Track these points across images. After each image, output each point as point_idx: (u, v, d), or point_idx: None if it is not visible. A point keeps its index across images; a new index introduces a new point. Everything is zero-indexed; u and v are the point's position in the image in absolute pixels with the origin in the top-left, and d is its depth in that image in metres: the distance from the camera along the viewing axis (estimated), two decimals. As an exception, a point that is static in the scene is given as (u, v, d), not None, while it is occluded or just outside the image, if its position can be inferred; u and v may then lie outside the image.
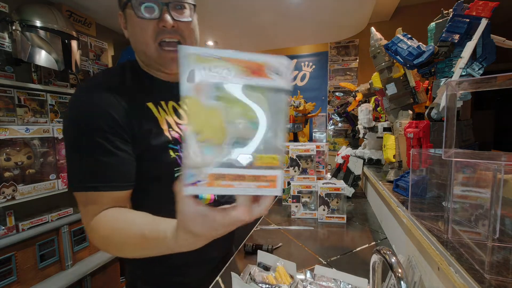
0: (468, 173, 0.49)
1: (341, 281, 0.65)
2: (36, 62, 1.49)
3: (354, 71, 2.93)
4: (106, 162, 0.55)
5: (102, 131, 0.55)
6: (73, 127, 0.56)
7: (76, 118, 0.56)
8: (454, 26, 0.74)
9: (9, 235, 1.42)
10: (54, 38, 1.55)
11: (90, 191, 0.54)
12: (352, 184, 1.55)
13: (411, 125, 0.88)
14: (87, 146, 0.55)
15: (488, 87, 0.48)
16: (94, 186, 0.54)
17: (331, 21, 2.35)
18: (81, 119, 0.55)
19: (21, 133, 1.41)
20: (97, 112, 0.55)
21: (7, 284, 1.36)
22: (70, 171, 0.57)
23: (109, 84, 0.60)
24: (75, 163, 0.56)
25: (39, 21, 1.50)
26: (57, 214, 1.68)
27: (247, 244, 0.96)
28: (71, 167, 0.57)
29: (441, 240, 0.51)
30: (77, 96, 0.59)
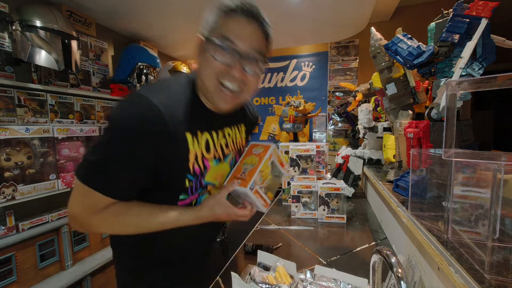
0: (468, 173, 0.49)
1: (341, 281, 0.65)
2: (36, 62, 1.49)
3: (354, 71, 2.93)
4: (123, 176, 0.58)
5: (135, 152, 0.57)
6: (115, 133, 0.57)
7: (121, 128, 0.57)
8: (454, 26, 0.74)
9: (9, 235, 1.42)
10: (54, 38, 1.55)
11: (97, 191, 0.56)
12: (352, 184, 1.55)
13: (411, 125, 0.88)
14: (117, 155, 0.57)
15: (488, 87, 0.48)
16: (101, 186, 0.56)
17: (331, 21, 2.35)
18: (125, 133, 0.56)
19: (21, 133, 1.41)
20: (141, 135, 0.57)
21: (7, 284, 1.36)
22: (89, 163, 0.57)
23: (167, 105, 0.60)
24: (98, 161, 0.57)
25: (39, 21, 1.50)
26: (57, 214, 1.68)
27: (247, 244, 0.96)
28: (92, 161, 0.57)
29: (441, 240, 0.51)
30: (132, 105, 0.58)
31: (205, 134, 0.68)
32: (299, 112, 2.51)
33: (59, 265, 1.64)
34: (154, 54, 2.38)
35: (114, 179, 0.58)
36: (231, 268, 0.84)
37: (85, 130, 1.79)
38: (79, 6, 1.92)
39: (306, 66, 3.25)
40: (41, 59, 1.50)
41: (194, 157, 0.65)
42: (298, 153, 1.37)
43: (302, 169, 1.37)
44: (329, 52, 3.00)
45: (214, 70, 0.62)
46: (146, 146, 0.58)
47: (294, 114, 2.51)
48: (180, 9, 2.01)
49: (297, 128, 2.54)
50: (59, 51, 1.57)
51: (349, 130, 2.80)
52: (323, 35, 2.73)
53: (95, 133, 1.87)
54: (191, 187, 0.67)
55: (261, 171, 0.70)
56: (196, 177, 0.67)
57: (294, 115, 2.51)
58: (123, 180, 0.59)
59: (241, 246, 0.99)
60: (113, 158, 0.56)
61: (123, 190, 0.60)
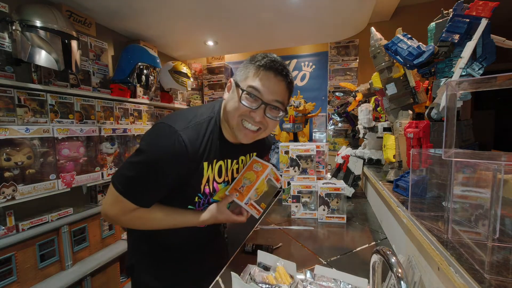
0: (468, 173, 0.49)
1: (341, 281, 0.65)
2: (36, 62, 1.49)
3: (354, 71, 2.93)
4: (152, 191, 0.74)
5: (163, 175, 0.72)
6: (149, 158, 0.71)
7: (155, 156, 0.70)
8: (454, 26, 0.74)
9: (9, 235, 1.42)
10: (54, 38, 1.55)
11: (127, 199, 0.72)
12: (352, 184, 1.55)
13: (411, 125, 0.88)
14: (149, 176, 0.71)
15: (488, 87, 0.48)
16: (133, 198, 0.72)
17: (331, 21, 2.35)
18: (158, 160, 0.70)
19: (21, 133, 1.41)
20: (169, 164, 0.71)
21: (7, 284, 1.36)
22: (124, 176, 0.73)
23: (193, 139, 0.74)
24: (134, 178, 0.72)
25: (39, 21, 1.50)
26: (57, 214, 1.68)
27: (247, 244, 0.96)
28: (129, 177, 0.72)
29: (441, 240, 0.51)
30: (166, 137, 0.72)
31: (220, 161, 0.82)
32: (299, 112, 2.51)
33: (59, 265, 1.64)
34: (154, 54, 2.38)
35: (145, 193, 0.73)
36: (231, 268, 0.84)
37: (85, 130, 1.79)
38: (79, 6, 1.91)
39: (306, 66, 3.25)
40: (41, 59, 1.50)
41: (206, 181, 0.80)
42: (298, 153, 1.37)
43: (302, 169, 1.37)
44: (329, 52, 3.00)
45: (238, 112, 0.75)
46: (172, 171, 0.72)
47: (294, 114, 2.51)
48: (180, 9, 2.01)
49: (297, 128, 2.54)
50: (59, 51, 1.57)
51: (349, 130, 2.80)
52: (323, 35, 2.73)
53: (95, 133, 1.87)
54: (199, 202, 0.83)
55: (257, 188, 0.83)
56: (205, 196, 0.83)
57: (294, 115, 2.51)
58: (151, 194, 0.75)
59: (241, 246, 0.99)
60: (146, 177, 0.71)
61: (149, 201, 0.76)
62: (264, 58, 0.74)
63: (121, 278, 2.04)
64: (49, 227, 1.57)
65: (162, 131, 0.72)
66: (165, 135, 0.71)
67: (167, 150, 0.70)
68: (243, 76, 0.76)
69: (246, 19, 2.20)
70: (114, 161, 2.09)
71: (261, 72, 0.74)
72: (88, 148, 1.89)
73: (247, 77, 0.75)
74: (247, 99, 0.73)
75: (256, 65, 0.74)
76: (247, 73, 0.76)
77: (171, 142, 0.70)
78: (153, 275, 0.89)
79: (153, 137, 0.73)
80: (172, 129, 0.71)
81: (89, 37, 2.05)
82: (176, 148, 0.70)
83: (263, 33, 2.60)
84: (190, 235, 0.91)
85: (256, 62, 0.74)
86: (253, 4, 1.93)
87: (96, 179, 1.89)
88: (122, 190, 0.71)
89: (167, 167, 0.71)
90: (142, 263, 0.91)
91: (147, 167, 0.70)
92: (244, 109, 0.74)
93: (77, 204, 1.95)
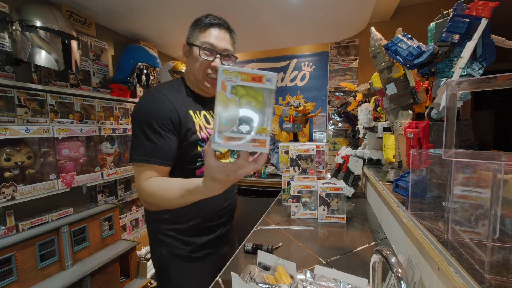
0: (468, 173, 0.49)
1: (341, 281, 0.65)
2: (36, 62, 1.49)
3: (354, 71, 2.93)
4: (158, 145, 0.80)
5: (161, 123, 0.81)
6: (141, 116, 0.82)
7: (144, 111, 0.83)
8: (454, 26, 0.74)
9: (9, 235, 1.41)
10: (54, 38, 1.55)
11: (144, 163, 0.79)
12: (352, 184, 1.55)
13: (411, 125, 0.88)
14: (148, 132, 0.80)
15: (488, 87, 0.48)
16: (147, 160, 0.79)
17: (331, 21, 2.35)
18: (148, 112, 0.82)
19: (21, 133, 1.41)
20: (159, 110, 0.82)
21: (7, 284, 1.36)
22: (133, 147, 0.82)
23: (169, 93, 0.88)
24: (138, 142, 0.81)
25: (39, 21, 1.50)
26: (57, 214, 1.68)
27: (247, 244, 0.96)
28: (134, 144, 0.82)
29: (441, 240, 0.51)
30: (147, 97, 0.86)
31: (202, 112, 0.94)
32: (299, 112, 2.51)
33: (59, 265, 1.63)
34: (154, 54, 2.38)
35: (157, 150, 0.80)
36: (231, 268, 0.84)
37: (85, 130, 1.79)
38: (79, 6, 1.91)
39: (306, 66, 3.25)
40: (41, 59, 1.50)
41: (199, 127, 0.90)
42: (298, 153, 1.37)
43: (302, 169, 1.37)
44: (329, 52, 3.00)
45: (201, 65, 0.89)
46: (165, 118, 0.81)
47: (294, 114, 2.51)
48: (180, 9, 2.01)
49: (297, 128, 2.54)
50: (59, 51, 1.57)
51: (349, 130, 2.80)
52: (323, 35, 2.73)
53: (95, 133, 1.87)
54: (203, 152, 0.85)
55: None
56: (205, 143, 0.85)
57: (294, 115, 2.51)
58: (163, 150, 0.81)
59: (241, 246, 0.99)
60: (149, 136, 0.80)
61: (165, 156, 0.82)
62: (207, 17, 0.90)
63: (121, 278, 2.04)
64: (49, 227, 1.57)
65: (142, 99, 0.87)
66: (145, 99, 0.86)
67: (152, 104, 0.83)
68: (195, 37, 0.90)
69: (246, 19, 2.20)
70: (114, 161, 2.09)
71: (205, 28, 0.89)
72: (88, 148, 1.89)
73: (198, 36, 0.89)
74: (205, 53, 0.88)
75: (203, 24, 0.89)
76: (196, 33, 0.90)
77: (152, 98, 0.85)
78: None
79: (138, 106, 0.86)
80: (148, 93, 0.87)
81: (89, 37, 2.05)
82: (158, 99, 0.84)
83: (263, 33, 2.60)
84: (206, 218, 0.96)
85: (202, 22, 0.89)
86: (253, 4, 1.93)
87: (96, 179, 1.89)
88: (137, 158, 0.79)
89: (160, 116, 0.81)
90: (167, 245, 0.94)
91: (145, 126, 0.80)
92: (204, 62, 0.88)
93: (77, 204, 1.95)
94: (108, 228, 2.00)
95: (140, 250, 2.36)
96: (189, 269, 0.95)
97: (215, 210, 0.98)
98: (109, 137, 2.05)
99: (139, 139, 0.81)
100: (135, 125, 0.83)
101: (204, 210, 0.95)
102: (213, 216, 0.98)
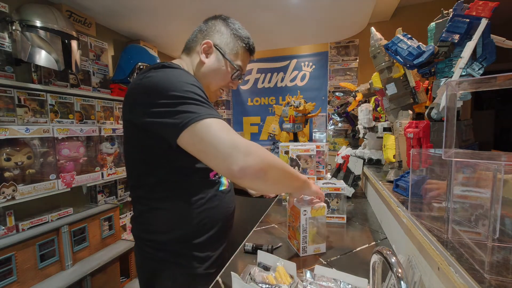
0: (468, 173, 0.49)
1: (341, 281, 0.65)
2: (36, 62, 1.49)
3: (354, 71, 2.93)
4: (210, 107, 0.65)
5: (201, 95, 0.65)
6: (176, 87, 0.63)
7: (176, 81, 0.64)
8: (454, 26, 0.74)
9: (9, 235, 1.42)
10: (54, 38, 1.55)
11: (219, 119, 0.61)
12: (352, 184, 1.55)
13: (411, 125, 0.88)
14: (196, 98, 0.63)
15: (488, 87, 0.48)
16: (217, 116, 0.62)
17: (331, 21, 2.35)
18: (182, 83, 0.64)
19: (21, 133, 1.41)
20: (194, 82, 0.68)
21: (7, 284, 1.36)
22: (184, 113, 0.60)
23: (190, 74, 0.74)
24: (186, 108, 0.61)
25: (39, 21, 1.50)
26: (57, 214, 1.68)
27: (247, 244, 0.96)
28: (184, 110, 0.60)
29: (441, 240, 0.51)
30: (168, 69, 0.68)
31: None
32: (299, 112, 2.51)
33: (59, 265, 1.64)
34: (154, 54, 2.38)
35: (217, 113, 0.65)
36: (231, 268, 0.84)
37: (85, 130, 1.79)
38: (79, 6, 1.91)
39: (306, 66, 3.25)
40: (41, 59, 1.50)
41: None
42: (298, 153, 1.37)
43: (302, 169, 1.37)
44: (329, 52, 3.00)
45: (224, 82, 0.86)
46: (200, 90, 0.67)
47: (294, 114, 2.51)
48: (180, 9, 2.01)
49: (297, 128, 2.54)
50: (59, 51, 1.57)
51: (349, 130, 2.80)
52: (323, 35, 2.73)
53: (95, 133, 1.87)
54: None
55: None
56: None
57: (294, 115, 2.51)
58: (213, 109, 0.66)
59: (241, 246, 0.99)
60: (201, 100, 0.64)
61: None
62: (249, 40, 0.85)
63: (121, 278, 2.04)
64: (49, 227, 1.57)
65: (165, 68, 0.69)
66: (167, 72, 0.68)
67: (184, 75, 0.68)
68: (233, 51, 0.83)
69: (246, 19, 2.20)
70: (114, 161, 2.09)
71: (246, 54, 0.86)
72: (88, 148, 1.89)
73: (237, 54, 0.84)
74: (235, 75, 0.85)
75: (245, 46, 0.84)
76: (236, 49, 0.83)
77: (179, 70, 0.70)
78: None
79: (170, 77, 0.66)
80: (172, 67, 0.71)
81: (89, 37, 2.05)
82: (184, 72, 0.71)
83: (263, 33, 2.60)
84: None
85: (245, 42, 0.84)
86: (253, 4, 1.93)
87: (96, 179, 1.89)
88: (209, 114, 0.60)
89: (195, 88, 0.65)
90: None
91: (194, 93, 0.63)
92: (228, 81, 0.85)
93: (77, 204, 1.95)
94: (108, 228, 2.00)
95: (140, 250, 2.36)
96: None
97: (228, 215, 0.89)
98: (109, 137, 2.06)
99: (188, 103, 0.61)
100: (158, 98, 0.62)
101: (224, 214, 0.86)
102: (226, 222, 0.88)
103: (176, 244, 0.76)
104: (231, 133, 0.59)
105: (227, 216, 0.87)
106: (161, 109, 0.61)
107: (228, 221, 0.90)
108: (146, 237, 0.79)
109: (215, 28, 0.83)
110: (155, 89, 0.63)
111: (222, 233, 0.86)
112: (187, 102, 0.61)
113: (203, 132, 0.58)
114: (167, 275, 0.76)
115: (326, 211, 0.86)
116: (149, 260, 0.78)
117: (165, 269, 0.77)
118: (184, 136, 0.59)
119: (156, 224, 0.77)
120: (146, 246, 0.78)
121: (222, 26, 0.83)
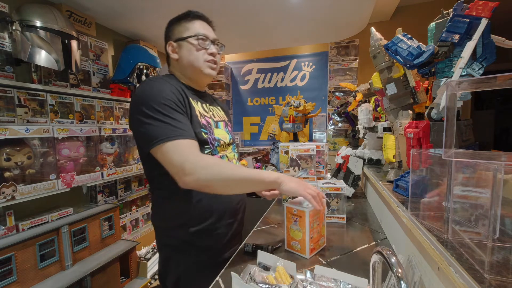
0: (468, 173, 0.49)
1: (341, 281, 0.65)
2: (36, 62, 1.49)
3: (354, 71, 2.93)
4: (182, 122, 0.80)
5: (174, 101, 0.82)
6: (151, 98, 0.79)
7: (154, 93, 0.81)
8: (454, 26, 0.74)
9: (9, 235, 1.41)
10: (54, 38, 1.55)
11: (180, 139, 0.77)
12: (352, 184, 1.55)
13: (411, 125, 0.88)
14: (167, 111, 0.79)
15: (488, 87, 0.48)
16: (182, 136, 0.78)
17: (331, 21, 2.35)
18: (158, 93, 0.81)
19: (21, 133, 1.41)
20: (169, 90, 0.83)
21: (7, 284, 1.36)
22: (152, 130, 0.77)
23: (170, 81, 0.90)
24: (158, 123, 0.77)
25: (39, 21, 1.50)
26: (57, 214, 1.68)
27: (247, 244, 0.96)
28: (153, 127, 0.77)
29: (441, 240, 0.51)
30: (150, 81, 0.86)
31: (198, 102, 0.96)
32: (299, 112, 2.51)
33: (59, 265, 1.63)
34: (154, 54, 2.38)
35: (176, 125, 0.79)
36: (231, 268, 0.84)
37: (85, 130, 1.79)
38: (79, 6, 1.91)
39: (306, 66, 3.25)
40: (41, 59, 1.50)
41: (199, 114, 0.92)
42: (298, 153, 1.37)
43: (302, 169, 1.37)
44: (329, 52, 3.00)
45: (200, 53, 0.93)
46: (173, 97, 0.83)
47: (294, 114, 2.51)
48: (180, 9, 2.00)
49: (297, 128, 2.54)
50: (59, 51, 1.57)
51: (349, 130, 2.80)
52: (323, 35, 2.73)
53: (95, 133, 1.87)
54: (209, 139, 0.90)
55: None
56: (208, 130, 0.91)
57: (294, 115, 2.51)
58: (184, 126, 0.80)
59: (241, 246, 0.99)
60: (169, 116, 0.79)
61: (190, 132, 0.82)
62: (191, 12, 0.96)
63: (121, 278, 2.04)
64: (49, 227, 1.57)
65: (144, 85, 0.85)
66: (151, 83, 0.85)
67: (161, 86, 0.84)
68: (184, 29, 0.93)
69: (246, 19, 2.20)
70: (114, 161, 2.09)
71: (196, 21, 0.95)
72: (88, 148, 1.89)
73: (188, 28, 0.93)
74: (201, 42, 0.92)
75: (191, 17, 0.95)
76: (185, 26, 0.94)
77: (160, 80, 0.87)
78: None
79: (143, 91, 0.83)
80: (153, 78, 0.89)
81: (89, 37, 2.05)
82: (162, 81, 0.87)
83: (263, 33, 2.60)
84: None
85: (187, 17, 0.95)
86: (253, 4, 1.93)
87: (96, 179, 1.89)
88: (169, 137, 0.76)
89: (170, 97, 0.81)
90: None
91: (161, 106, 0.78)
92: (203, 50, 0.93)
93: (77, 204, 1.95)
94: (108, 228, 2.00)
95: (140, 250, 2.36)
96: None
97: (232, 206, 1.00)
98: (109, 137, 2.05)
99: (159, 120, 0.78)
100: (141, 108, 0.79)
101: (226, 205, 0.96)
102: (231, 213, 1.00)
103: (181, 231, 0.89)
104: (184, 154, 0.76)
105: (231, 208, 0.98)
106: (136, 123, 0.82)
107: (234, 213, 1.00)
108: (161, 225, 0.95)
109: (167, 32, 0.99)
110: (134, 103, 0.84)
111: (226, 225, 0.96)
112: (155, 120, 0.78)
113: (163, 153, 0.77)
114: (176, 260, 0.91)
115: (310, 209, 0.84)
116: (162, 245, 0.95)
117: (174, 255, 0.91)
118: (152, 151, 0.79)
119: (164, 213, 0.93)
120: (159, 232, 0.95)
121: (169, 26, 0.99)
